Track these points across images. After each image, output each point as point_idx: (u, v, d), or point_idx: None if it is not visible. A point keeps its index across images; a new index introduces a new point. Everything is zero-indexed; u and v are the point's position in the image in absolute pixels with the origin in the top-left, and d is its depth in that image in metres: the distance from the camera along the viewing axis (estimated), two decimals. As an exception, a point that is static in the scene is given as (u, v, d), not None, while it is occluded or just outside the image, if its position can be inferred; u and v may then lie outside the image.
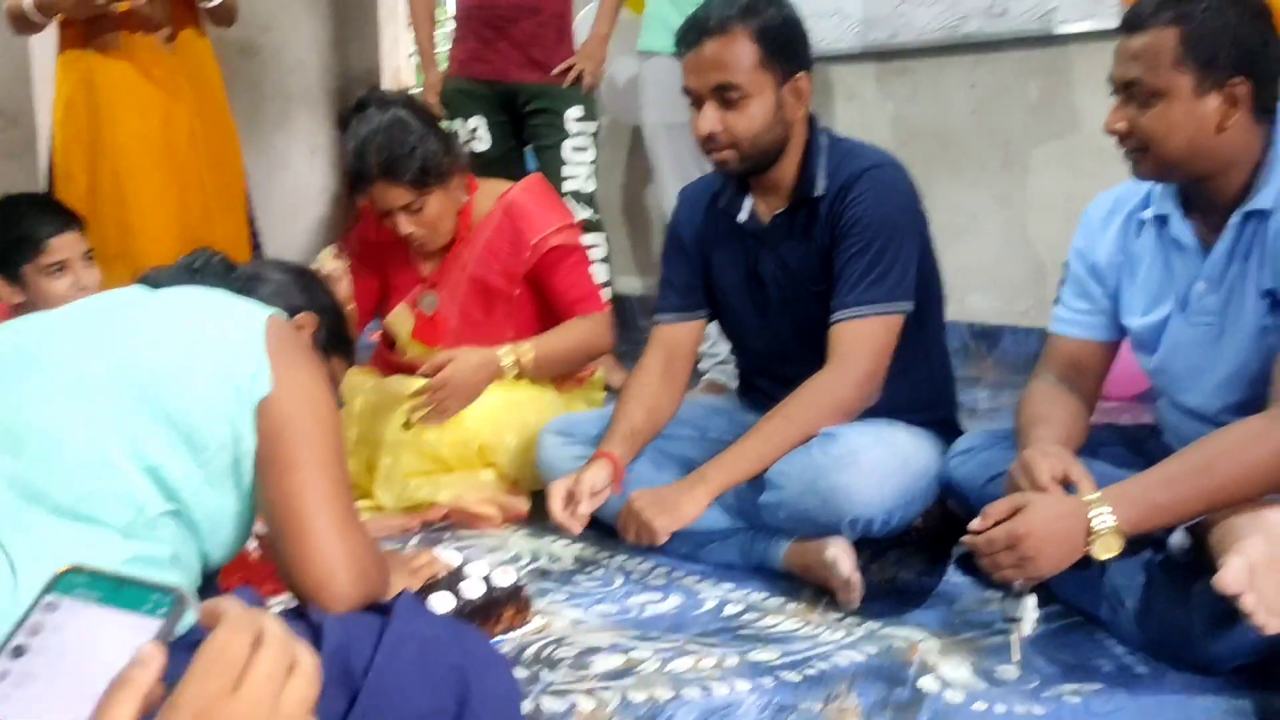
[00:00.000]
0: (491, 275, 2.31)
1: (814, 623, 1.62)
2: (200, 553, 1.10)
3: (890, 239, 1.78)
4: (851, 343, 1.77)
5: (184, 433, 1.05)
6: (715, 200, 1.97)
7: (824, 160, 1.85)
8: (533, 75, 3.13)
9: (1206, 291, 1.55)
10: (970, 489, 1.72)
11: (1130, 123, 1.49)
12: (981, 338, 3.41)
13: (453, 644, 1.04)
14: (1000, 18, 3.23)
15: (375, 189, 2.18)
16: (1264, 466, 1.34)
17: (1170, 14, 1.44)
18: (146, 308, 1.16)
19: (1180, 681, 1.39)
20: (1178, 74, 1.44)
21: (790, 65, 1.80)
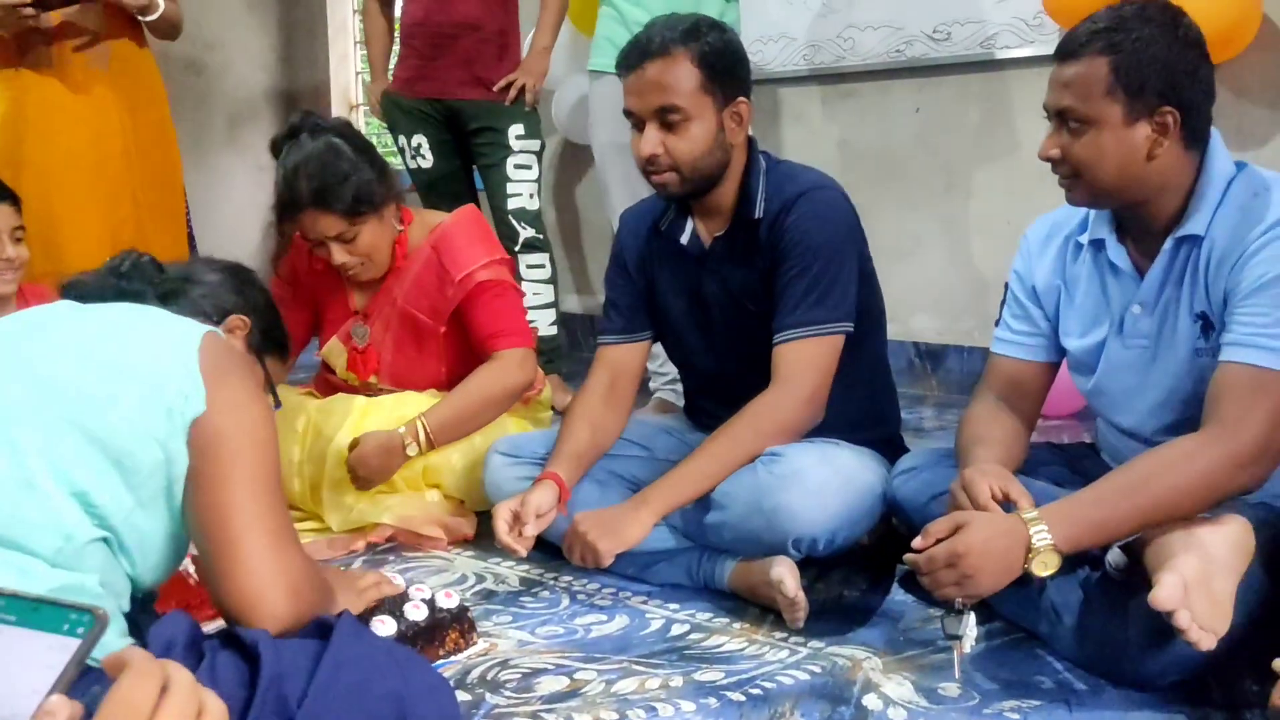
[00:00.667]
0: (420, 312, 2.27)
1: (759, 642, 1.62)
2: (131, 577, 1.08)
3: (830, 260, 1.80)
4: (794, 363, 1.79)
5: (113, 456, 1.03)
6: (657, 223, 1.98)
7: (763, 183, 1.87)
8: (475, 93, 3.15)
9: (1141, 315, 1.58)
10: (913, 508, 1.74)
11: (1063, 150, 1.52)
12: (926, 357, 3.45)
13: (391, 670, 1.03)
14: (944, 43, 3.29)
15: (306, 218, 2.12)
16: (1195, 485, 1.37)
17: (1101, 43, 1.47)
18: (72, 326, 1.13)
19: (1117, 697, 1.41)
20: (1108, 103, 1.47)
21: (731, 90, 1.82)
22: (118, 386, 1.06)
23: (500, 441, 2.08)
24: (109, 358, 1.08)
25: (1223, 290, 1.48)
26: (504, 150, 3.16)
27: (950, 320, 3.42)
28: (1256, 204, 1.48)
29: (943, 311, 3.43)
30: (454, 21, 3.10)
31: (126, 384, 1.06)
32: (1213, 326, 1.50)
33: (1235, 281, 1.46)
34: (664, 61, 1.78)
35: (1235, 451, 1.38)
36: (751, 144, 1.91)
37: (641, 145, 1.81)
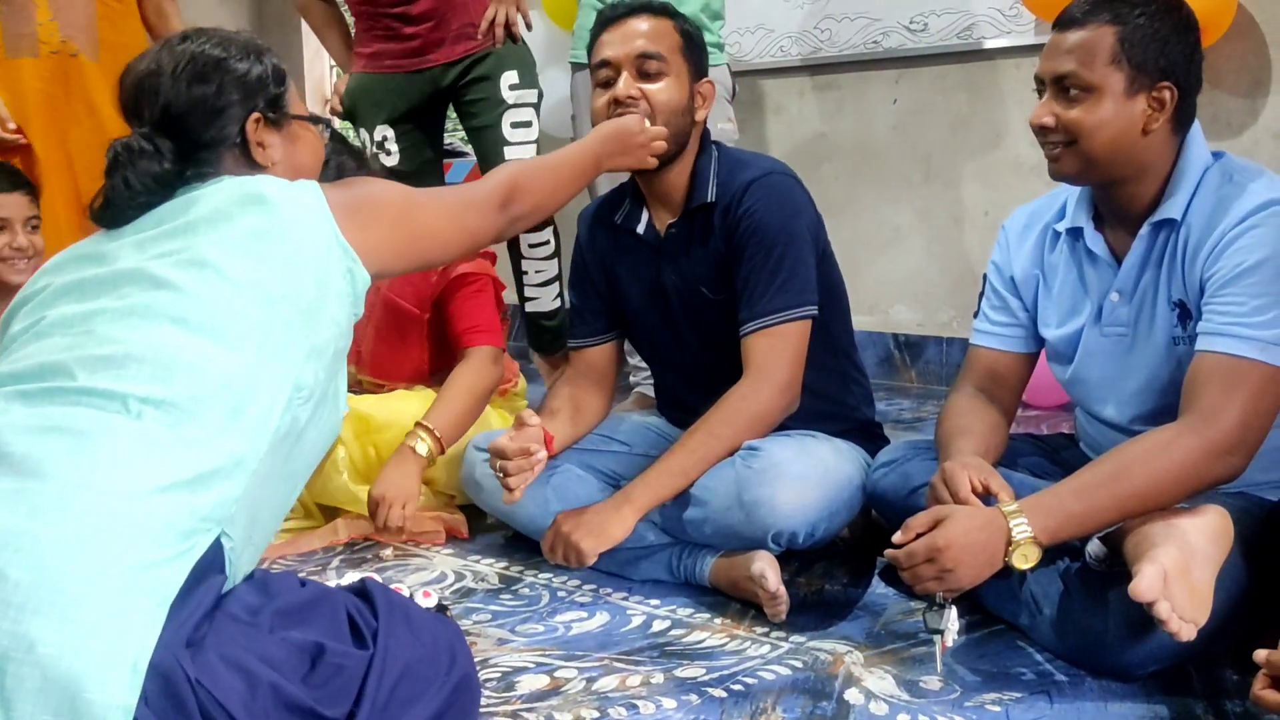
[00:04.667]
0: (404, 300, 2.28)
1: (740, 637, 1.61)
2: None
3: (788, 245, 1.79)
4: (766, 353, 1.78)
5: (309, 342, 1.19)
6: (613, 217, 1.97)
7: (714, 169, 1.87)
8: (459, 49, 2.82)
9: (1119, 303, 1.58)
10: (894, 500, 1.73)
11: (1058, 117, 1.51)
12: (906, 348, 3.45)
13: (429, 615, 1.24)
14: (921, 33, 3.29)
15: None
16: (1173, 475, 1.37)
17: (1108, 14, 1.48)
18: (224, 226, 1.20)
19: (1098, 688, 1.41)
20: (1112, 71, 1.47)
21: (699, 68, 1.87)
22: (295, 281, 1.19)
23: (479, 438, 2.07)
24: (275, 251, 1.19)
25: (1199, 278, 1.48)
26: (498, 105, 2.84)
27: (929, 311, 3.42)
28: (1233, 192, 1.48)
29: (922, 303, 3.43)
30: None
31: (301, 276, 1.19)
32: (1190, 315, 1.50)
33: (1212, 270, 1.46)
34: (650, 17, 1.83)
35: (1213, 441, 1.38)
36: (705, 133, 1.91)
37: (619, 87, 1.80)
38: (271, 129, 1.34)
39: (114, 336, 1.11)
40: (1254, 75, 2.82)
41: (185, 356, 1.10)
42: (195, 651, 0.98)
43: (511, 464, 1.73)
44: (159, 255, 1.17)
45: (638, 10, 1.84)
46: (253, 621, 1.06)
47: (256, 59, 1.33)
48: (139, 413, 1.06)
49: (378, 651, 1.10)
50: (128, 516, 1.00)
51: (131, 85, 1.30)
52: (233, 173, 1.29)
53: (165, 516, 1.02)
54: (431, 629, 1.18)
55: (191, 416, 1.07)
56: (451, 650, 1.17)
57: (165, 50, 1.31)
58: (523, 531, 1.99)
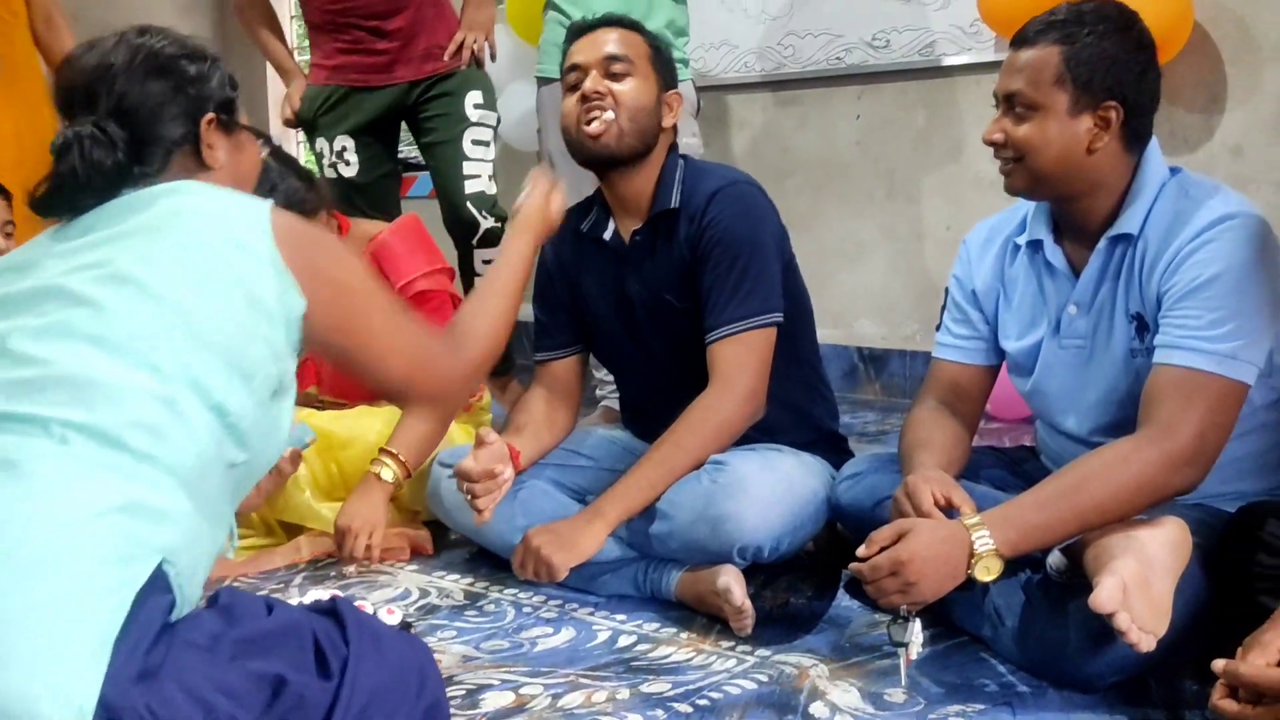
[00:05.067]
0: None
1: (706, 652, 1.61)
2: None
3: (753, 254, 1.81)
4: (731, 360, 1.79)
5: (235, 363, 1.12)
6: (578, 227, 1.98)
7: (679, 176, 1.89)
8: (426, 67, 2.86)
9: (1077, 315, 1.60)
10: (858, 513, 1.74)
11: (1007, 134, 1.54)
12: (870, 362, 3.48)
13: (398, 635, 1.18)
14: (883, 50, 3.32)
15: None
16: (1132, 487, 1.39)
17: (1057, 34, 1.51)
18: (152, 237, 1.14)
19: (1059, 699, 1.42)
20: (1056, 91, 1.50)
21: (668, 80, 1.91)
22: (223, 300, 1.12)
23: (444, 453, 2.06)
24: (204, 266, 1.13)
25: (1156, 291, 1.50)
26: (460, 123, 2.86)
27: (893, 325, 3.45)
28: (1189, 207, 1.51)
29: (886, 316, 3.46)
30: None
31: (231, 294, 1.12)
32: (1147, 327, 1.52)
33: (1169, 283, 1.48)
34: (619, 29, 1.88)
35: (1171, 453, 1.40)
36: (673, 145, 1.94)
37: (586, 84, 1.83)
38: (222, 133, 1.30)
39: (32, 357, 1.05)
40: (1210, 91, 2.87)
41: (105, 378, 1.05)
42: (151, 683, 0.93)
43: (478, 486, 1.74)
44: (81, 268, 1.12)
45: (608, 23, 1.89)
46: (213, 649, 1.01)
47: (212, 62, 1.31)
48: (63, 437, 1.01)
49: (345, 681, 1.06)
50: (63, 547, 0.94)
51: (81, 76, 1.25)
52: (178, 176, 1.24)
53: (102, 545, 0.96)
54: (401, 652, 1.14)
55: (117, 441, 1.02)
56: (421, 674, 1.14)
57: (120, 44, 1.27)
58: (489, 548, 1.98)
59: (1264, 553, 1.40)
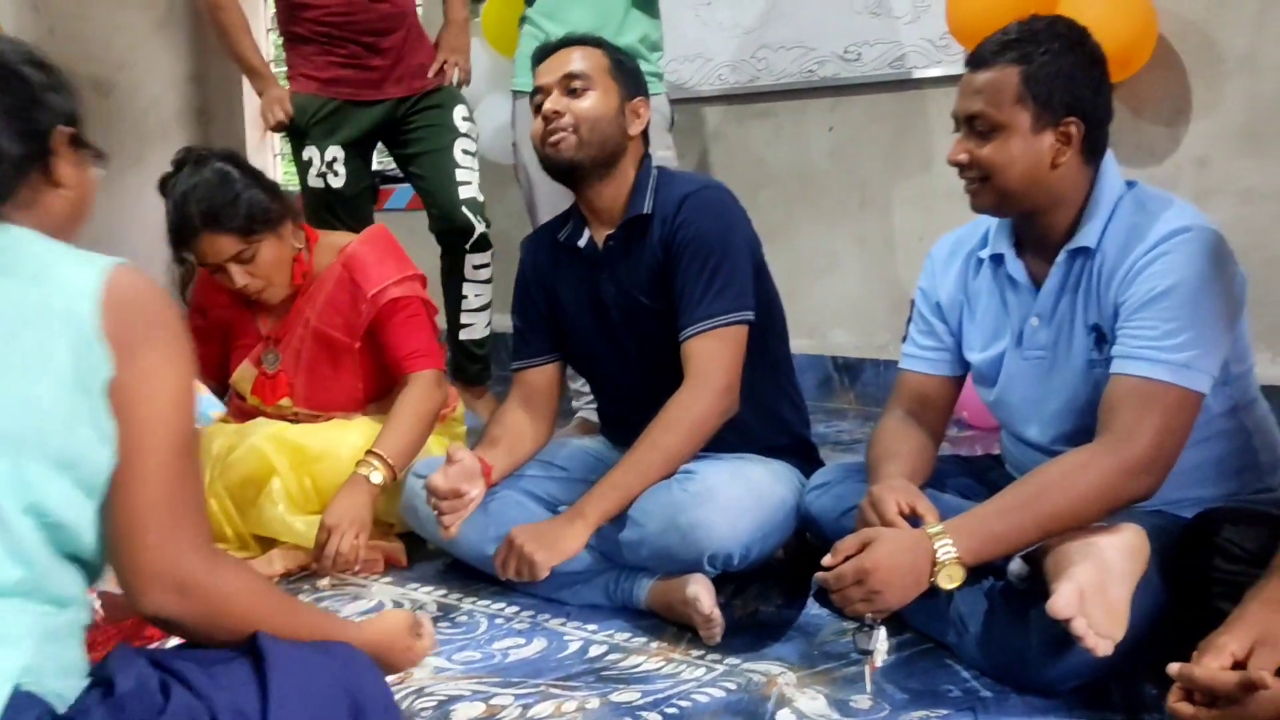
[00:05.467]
0: (334, 330, 2.25)
1: (676, 661, 1.63)
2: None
3: (724, 254, 1.85)
4: (704, 357, 1.82)
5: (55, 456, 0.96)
6: (556, 236, 2.02)
7: (651, 184, 1.93)
8: (415, 85, 2.98)
9: (1039, 327, 1.63)
10: (826, 522, 1.76)
11: (971, 154, 1.57)
12: (844, 371, 3.50)
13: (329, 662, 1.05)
14: (854, 63, 3.36)
15: (203, 242, 2.10)
16: (1089, 495, 1.42)
17: (1014, 54, 1.54)
18: None
19: (1022, 704, 1.44)
20: (1018, 110, 1.53)
21: (632, 89, 1.94)
22: (31, 383, 0.96)
23: (419, 465, 2.07)
24: (13, 341, 0.97)
25: (1114, 303, 1.53)
26: (450, 133, 2.96)
27: (867, 334, 3.48)
28: (1144, 219, 1.54)
29: (859, 326, 3.49)
30: (383, 14, 2.90)
31: (39, 376, 0.96)
32: (1106, 338, 1.55)
33: (1125, 295, 1.51)
34: (580, 47, 1.93)
35: (1128, 461, 1.43)
36: (646, 156, 1.97)
37: (545, 105, 1.89)
38: (73, 150, 1.14)
39: None
40: (1175, 104, 2.91)
41: None
42: None
43: (445, 504, 1.78)
44: None
45: (570, 43, 1.94)
46: None
47: (58, 72, 1.16)
48: None
49: None
50: None
51: None
52: (26, 199, 1.08)
53: None
54: (329, 681, 1.03)
55: None
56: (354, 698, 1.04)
57: None
58: (463, 559, 1.99)
59: (1220, 558, 1.42)
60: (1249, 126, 2.82)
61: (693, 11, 3.62)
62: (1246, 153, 2.83)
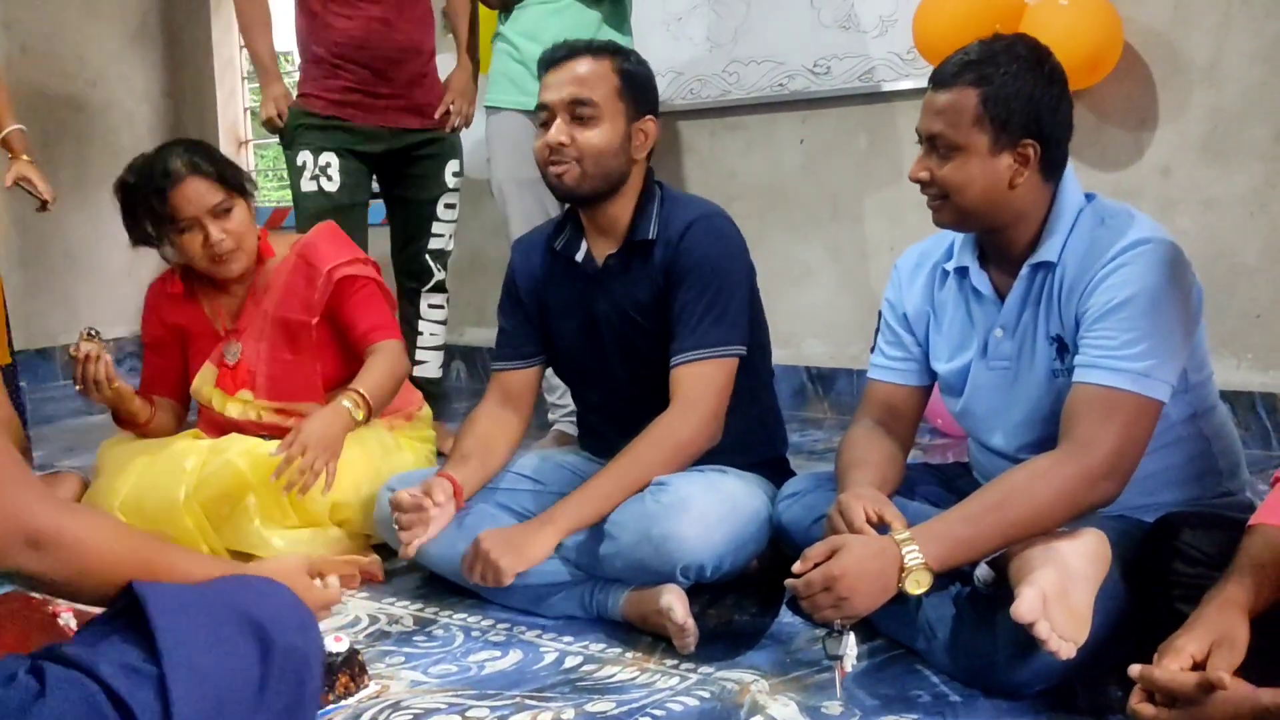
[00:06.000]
0: (292, 312, 2.32)
1: (651, 670, 1.65)
2: None
3: (725, 284, 1.86)
4: (693, 384, 1.84)
5: None
6: (551, 245, 2.02)
7: (656, 207, 1.93)
8: (417, 121, 3.03)
9: (1003, 338, 1.66)
10: (797, 531, 1.78)
11: (931, 173, 1.60)
12: (818, 381, 3.54)
13: (217, 594, 1.02)
14: (824, 76, 3.40)
15: (187, 188, 2.18)
16: (1052, 501, 1.45)
17: (973, 75, 1.56)
18: None
19: (990, 707, 1.47)
20: (976, 132, 1.56)
21: (642, 107, 1.91)
22: None
23: (393, 479, 2.08)
24: None
25: (1075, 314, 1.56)
26: (439, 188, 3.09)
27: (839, 345, 3.51)
28: (1104, 233, 1.57)
29: (832, 336, 3.52)
30: (398, 45, 2.95)
31: None
32: (1067, 349, 1.59)
33: (1085, 306, 1.55)
34: (587, 60, 1.87)
35: (1089, 468, 1.46)
36: (649, 172, 1.97)
37: (550, 134, 1.85)
38: None
39: None
40: (1140, 114, 2.96)
41: None
42: None
43: (405, 517, 1.81)
44: None
45: (578, 52, 1.88)
46: None
47: None
48: None
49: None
50: None
51: None
52: None
53: None
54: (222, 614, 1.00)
55: None
56: (264, 666, 1.00)
57: None
58: (437, 571, 2.00)
59: (1180, 561, 1.45)
60: (1211, 136, 2.88)
61: (664, 26, 3.65)
62: (1208, 162, 2.89)
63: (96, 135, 4.89)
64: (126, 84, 5.06)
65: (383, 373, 2.26)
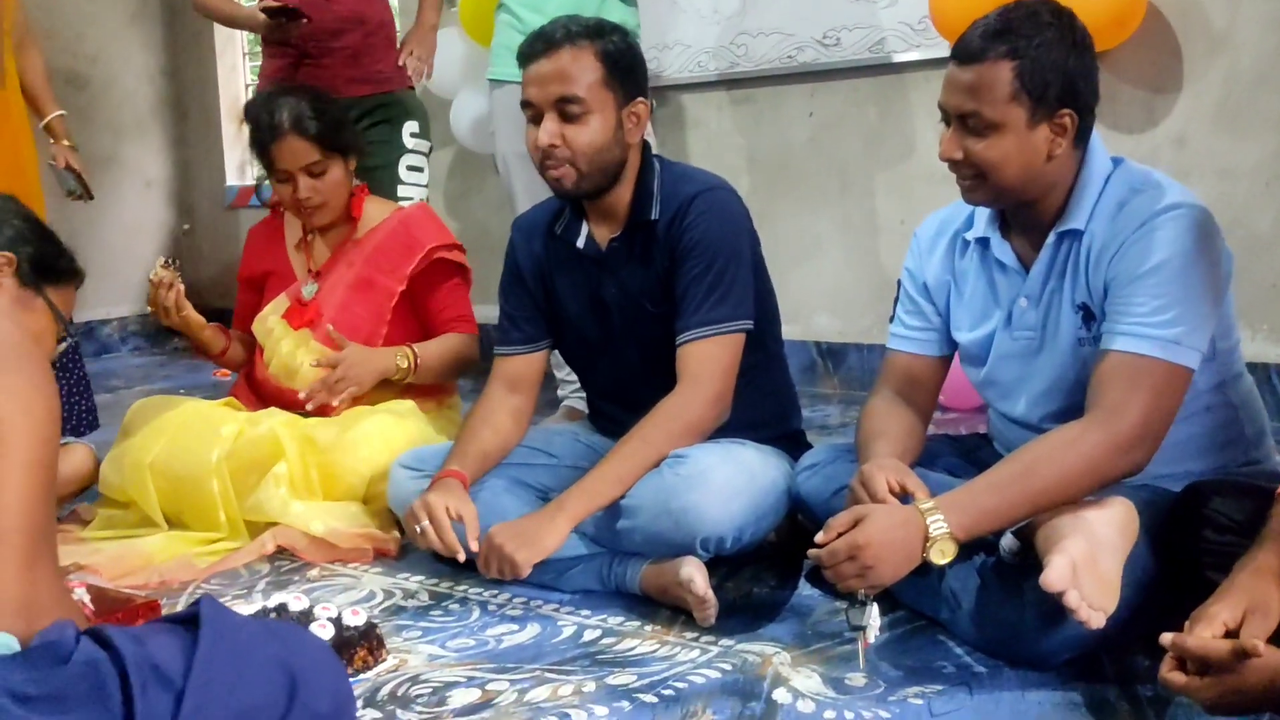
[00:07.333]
0: (379, 274, 2.40)
1: (671, 643, 1.63)
2: None
3: (729, 260, 1.83)
4: (700, 363, 1.81)
5: None
6: (552, 228, 1.98)
7: (657, 185, 1.89)
8: (366, 88, 2.99)
9: (1028, 308, 1.64)
10: (817, 503, 1.77)
11: (965, 152, 1.54)
12: (828, 356, 3.52)
13: (271, 638, 1.06)
14: (834, 48, 3.36)
15: (285, 144, 2.28)
16: (1080, 470, 1.43)
17: (1004, 47, 1.49)
18: None
19: (1015, 678, 1.46)
20: (1013, 107, 1.50)
21: (631, 89, 1.85)
22: None
23: (405, 455, 2.07)
24: None
25: (1102, 281, 1.54)
26: (397, 149, 3.03)
27: (850, 319, 3.49)
28: (1133, 199, 1.55)
29: (842, 311, 3.50)
30: (338, 17, 2.94)
31: None
32: (1094, 317, 1.56)
33: (1114, 273, 1.52)
34: (568, 53, 1.79)
35: (1117, 436, 1.44)
36: (645, 147, 1.93)
37: (539, 136, 1.80)
38: None
39: None
40: (1155, 83, 2.92)
41: None
42: None
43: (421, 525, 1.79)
44: None
45: (556, 43, 1.79)
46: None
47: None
48: None
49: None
50: None
51: None
52: None
53: None
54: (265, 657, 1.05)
55: None
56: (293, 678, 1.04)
57: None
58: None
59: (1210, 529, 1.44)
60: (1227, 104, 2.84)
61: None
62: (1224, 131, 2.85)
63: (98, 114, 4.86)
64: (127, 62, 5.02)
65: (444, 348, 2.38)
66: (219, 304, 3.49)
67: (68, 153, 2.92)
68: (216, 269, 4.99)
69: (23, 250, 1.40)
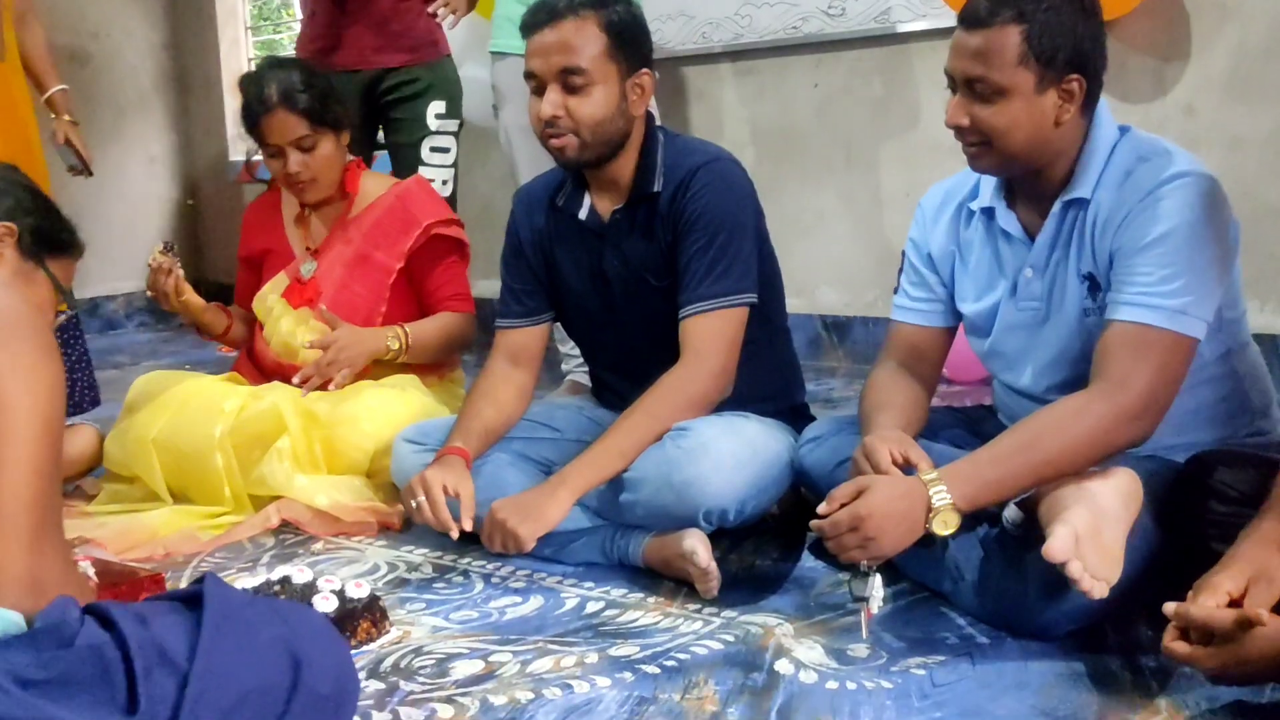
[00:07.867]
0: (377, 251, 2.38)
1: (673, 615, 1.63)
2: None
3: (732, 233, 1.81)
4: (703, 337, 1.80)
5: None
6: (554, 199, 1.97)
7: (661, 157, 1.87)
8: (396, 58, 2.93)
9: (1033, 278, 1.63)
10: (820, 475, 1.76)
11: (972, 118, 1.53)
12: (833, 329, 3.50)
13: (274, 616, 1.06)
14: (839, 18, 3.33)
15: (274, 119, 2.25)
16: (1085, 440, 1.42)
17: (1011, 12, 1.48)
18: None
19: (1018, 648, 1.45)
20: (1021, 71, 1.48)
21: (635, 60, 1.83)
22: None
23: (408, 429, 2.06)
24: None
25: (1108, 251, 1.52)
26: (421, 130, 2.99)
27: (854, 292, 3.47)
28: (1139, 167, 1.53)
29: (847, 284, 3.48)
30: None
31: None
32: (1099, 287, 1.55)
33: (1120, 242, 1.51)
34: (571, 23, 1.78)
35: (1122, 406, 1.43)
36: (649, 118, 1.91)
37: (542, 107, 1.79)
38: None
39: None
40: (1164, 51, 2.89)
41: None
42: None
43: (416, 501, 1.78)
44: None
45: (559, 14, 1.78)
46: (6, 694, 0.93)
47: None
48: None
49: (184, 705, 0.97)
50: None
51: None
52: None
53: None
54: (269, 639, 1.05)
55: None
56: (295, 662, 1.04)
57: None
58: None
59: (1214, 500, 1.43)
60: (1237, 74, 2.81)
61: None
62: (1234, 100, 2.82)
63: (100, 89, 4.84)
64: (129, 37, 5.00)
65: (437, 327, 2.37)
66: (224, 280, 3.49)
67: (68, 128, 2.91)
68: (221, 243, 4.98)
69: (24, 221, 1.39)
